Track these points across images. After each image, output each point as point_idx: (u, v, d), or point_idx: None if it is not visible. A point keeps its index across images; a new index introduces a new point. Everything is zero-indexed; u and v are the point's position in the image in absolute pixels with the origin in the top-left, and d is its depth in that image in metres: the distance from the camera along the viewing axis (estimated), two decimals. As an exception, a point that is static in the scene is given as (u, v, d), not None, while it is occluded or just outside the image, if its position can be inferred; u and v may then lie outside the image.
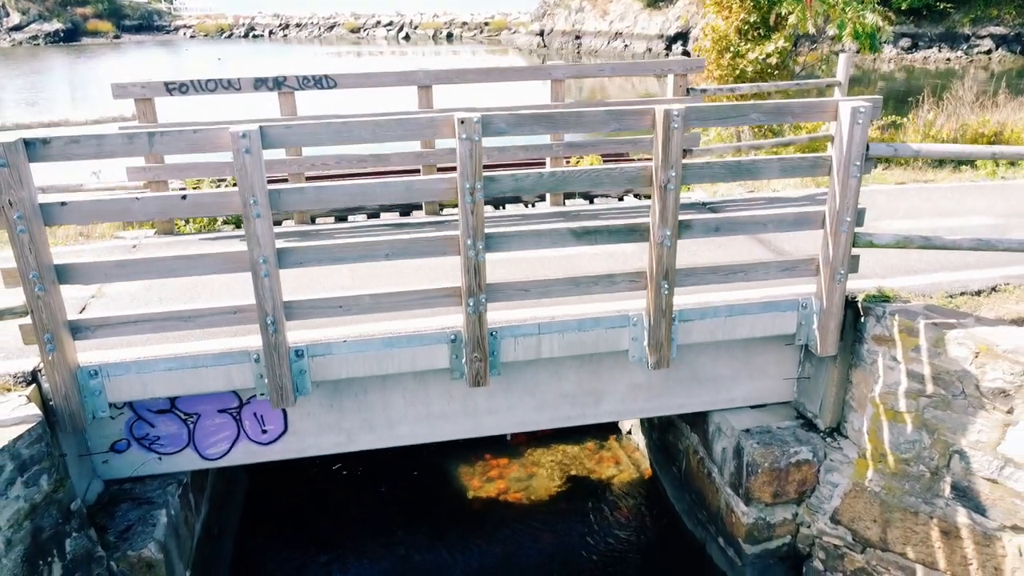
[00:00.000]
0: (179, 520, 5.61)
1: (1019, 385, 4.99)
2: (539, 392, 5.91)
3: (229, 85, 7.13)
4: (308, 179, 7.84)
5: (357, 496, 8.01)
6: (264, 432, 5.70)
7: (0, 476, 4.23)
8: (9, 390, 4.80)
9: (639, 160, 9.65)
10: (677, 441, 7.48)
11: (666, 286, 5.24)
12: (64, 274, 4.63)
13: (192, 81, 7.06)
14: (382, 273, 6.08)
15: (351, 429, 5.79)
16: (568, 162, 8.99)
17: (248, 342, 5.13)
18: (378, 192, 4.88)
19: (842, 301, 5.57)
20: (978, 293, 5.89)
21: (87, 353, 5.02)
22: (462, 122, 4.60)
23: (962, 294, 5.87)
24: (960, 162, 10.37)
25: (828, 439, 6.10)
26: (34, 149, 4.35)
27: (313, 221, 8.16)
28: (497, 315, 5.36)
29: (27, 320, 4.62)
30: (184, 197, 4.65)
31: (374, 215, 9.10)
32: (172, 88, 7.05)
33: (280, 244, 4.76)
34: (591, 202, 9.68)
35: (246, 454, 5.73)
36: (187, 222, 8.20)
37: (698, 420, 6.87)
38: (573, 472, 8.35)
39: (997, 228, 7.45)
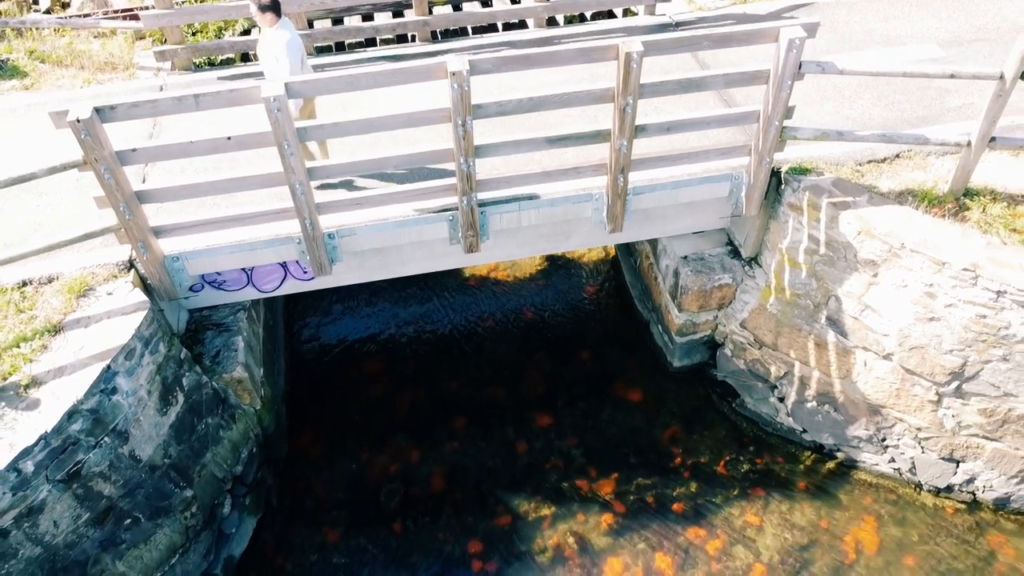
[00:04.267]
0: (250, 336, 7.47)
1: (885, 259, 6.54)
2: (520, 236, 7.34)
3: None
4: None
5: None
6: (305, 273, 7.26)
7: (135, 353, 5.95)
8: (116, 277, 6.31)
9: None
10: (635, 241, 9.11)
11: (622, 178, 6.48)
12: (143, 197, 5.86)
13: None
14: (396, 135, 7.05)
15: (371, 267, 7.33)
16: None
17: (292, 227, 6.49)
18: (385, 123, 5.84)
19: (767, 178, 6.82)
20: (883, 160, 7.10)
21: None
22: (453, 73, 5.49)
23: (870, 161, 7.09)
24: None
25: (747, 267, 7.75)
26: (104, 115, 5.32)
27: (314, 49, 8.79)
28: (485, 195, 6.65)
29: (121, 232, 5.96)
30: (229, 138, 5.68)
31: (368, 16, 9.59)
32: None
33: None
34: (582, 20, 10.08)
35: (292, 287, 7.35)
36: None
37: (650, 235, 8.43)
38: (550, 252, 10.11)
39: (937, 62, 8.26)
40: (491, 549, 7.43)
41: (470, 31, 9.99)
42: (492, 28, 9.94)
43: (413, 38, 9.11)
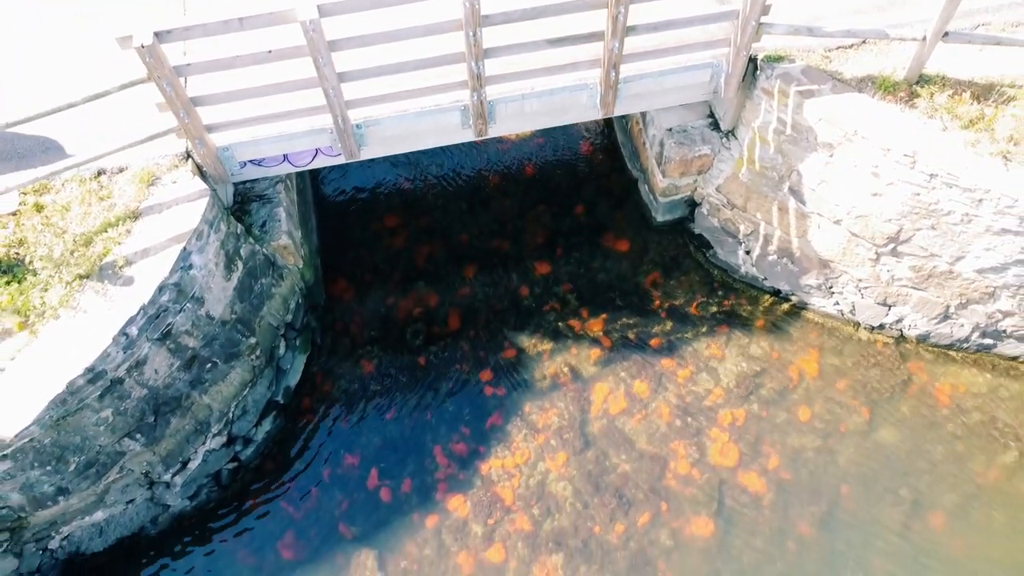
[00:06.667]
0: (288, 205, 8.57)
1: (840, 143, 7.53)
2: (523, 117, 8.21)
3: None
4: None
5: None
6: (333, 148, 8.24)
7: (203, 235, 7.12)
8: (177, 167, 7.32)
9: None
10: (626, 106, 9.94)
11: (614, 73, 7.31)
12: (197, 102, 6.75)
13: None
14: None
15: (392, 144, 8.27)
16: None
17: (324, 120, 7.40)
18: (405, 34, 6.57)
19: (743, 67, 7.63)
20: (851, 46, 7.85)
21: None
22: (466, -6, 6.21)
23: (839, 47, 7.84)
24: None
25: (724, 139, 8.70)
26: (162, 37, 6.10)
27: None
28: (492, 88, 7.49)
29: (181, 131, 6.91)
30: (270, 52, 6.47)
31: None
32: None
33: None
34: None
35: (322, 162, 8.30)
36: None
37: (640, 103, 9.27)
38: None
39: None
40: (500, 377, 9.04)
41: None
42: None
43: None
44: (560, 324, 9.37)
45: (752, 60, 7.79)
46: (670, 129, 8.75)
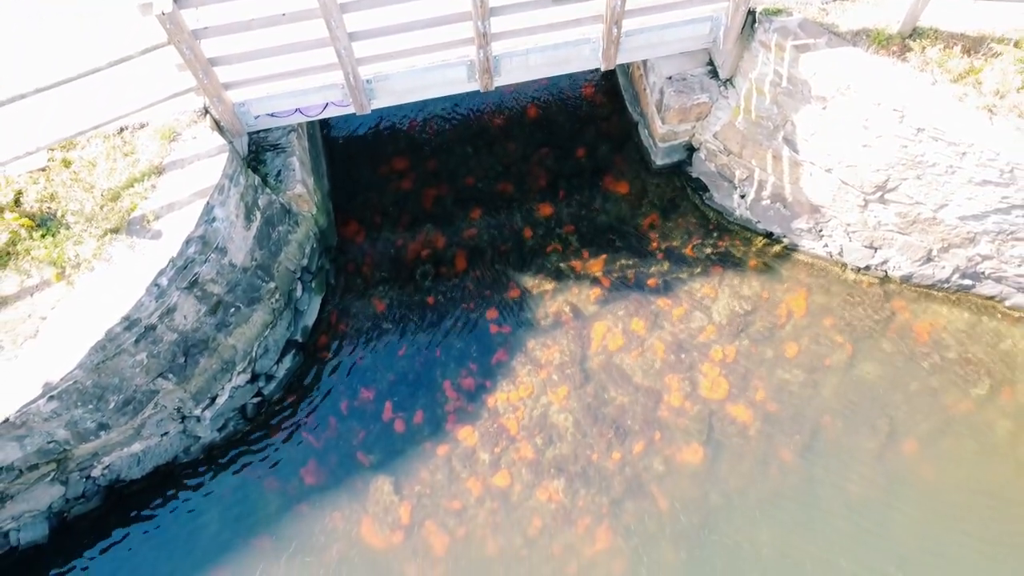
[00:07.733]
0: (302, 153, 8.91)
1: (833, 96, 7.82)
2: (527, 69, 8.47)
3: None
4: None
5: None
6: (344, 101, 8.52)
7: (225, 189, 7.49)
8: (196, 122, 7.62)
9: None
10: (628, 50, 10.10)
11: (616, 29, 7.53)
12: (214, 62, 7.01)
13: None
14: None
15: (401, 92, 8.56)
16: None
17: (336, 76, 7.66)
18: (414, -6, 6.79)
19: (742, 20, 7.84)
20: (845, -2, 8.04)
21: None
22: (473, -42, 6.41)
23: (836, 0, 8.02)
24: None
25: (722, 88, 8.94)
26: (181, 4, 6.34)
27: None
28: (497, 44, 7.72)
29: (200, 89, 7.19)
30: (284, 15, 6.70)
31: None
32: None
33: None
34: None
35: (332, 111, 8.60)
36: None
37: (642, 49, 9.46)
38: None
39: None
40: (505, 315, 9.56)
41: None
42: None
43: None
44: (562, 264, 9.82)
45: (751, 13, 7.98)
46: (670, 77, 8.99)
